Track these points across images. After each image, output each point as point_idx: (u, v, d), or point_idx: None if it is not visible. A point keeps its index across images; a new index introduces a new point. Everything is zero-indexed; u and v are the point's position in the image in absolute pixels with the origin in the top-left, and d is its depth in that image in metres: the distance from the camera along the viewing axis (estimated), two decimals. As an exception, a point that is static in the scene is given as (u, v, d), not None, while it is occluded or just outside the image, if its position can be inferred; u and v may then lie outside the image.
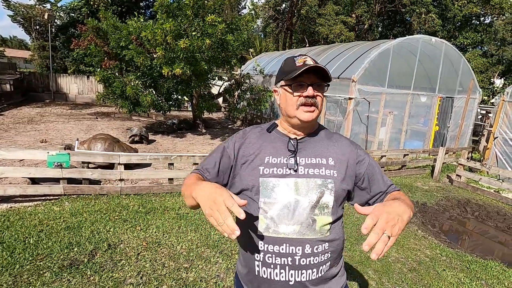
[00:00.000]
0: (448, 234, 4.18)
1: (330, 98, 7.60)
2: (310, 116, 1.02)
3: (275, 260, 0.97)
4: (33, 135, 7.33)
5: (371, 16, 21.31)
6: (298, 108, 1.02)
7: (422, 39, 7.60)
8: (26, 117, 9.71)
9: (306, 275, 0.98)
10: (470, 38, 21.06)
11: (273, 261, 0.98)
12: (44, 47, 17.91)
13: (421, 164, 7.08)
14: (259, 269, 1.00)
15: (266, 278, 1.00)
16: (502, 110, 6.89)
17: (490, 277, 2.99)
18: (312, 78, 1.01)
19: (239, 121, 11.74)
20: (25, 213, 3.31)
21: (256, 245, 1.00)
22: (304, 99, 1.00)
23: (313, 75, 1.00)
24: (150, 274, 2.51)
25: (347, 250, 3.23)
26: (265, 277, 1.00)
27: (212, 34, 7.00)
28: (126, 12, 18.02)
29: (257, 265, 1.00)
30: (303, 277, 0.98)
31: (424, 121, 8.41)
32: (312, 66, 0.98)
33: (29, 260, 2.50)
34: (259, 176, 1.01)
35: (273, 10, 22.81)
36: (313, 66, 0.98)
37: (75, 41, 8.66)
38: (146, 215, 3.55)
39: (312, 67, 0.98)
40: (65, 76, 15.04)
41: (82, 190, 3.96)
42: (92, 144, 5.38)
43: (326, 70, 0.99)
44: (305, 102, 1.00)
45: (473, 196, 5.69)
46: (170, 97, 8.90)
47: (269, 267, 0.98)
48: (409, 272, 2.96)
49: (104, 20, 8.11)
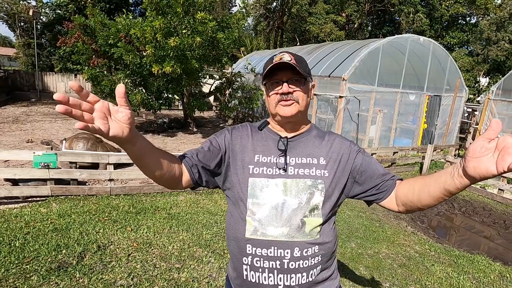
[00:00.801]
0: (437, 230, 4.27)
1: (321, 96, 7.65)
2: (289, 111, 0.98)
3: (263, 264, 0.95)
4: (18, 135, 7.13)
5: (361, 15, 21.54)
6: (277, 105, 0.99)
7: (410, 38, 7.72)
8: (11, 117, 9.43)
9: (295, 279, 0.95)
10: (456, 37, 21.56)
11: (261, 264, 0.95)
12: (30, 44, 17.42)
13: (410, 162, 7.21)
14: (247, 273, 0.97)
15: (254, 282, 0.97)
16: (488, 108, 7.08)
17: (476, 271, 3.07)
18: (289, 74, 0.97)
19: (231, 120, 11.70)
20: (11, 215, 3.22)
21: (244, 248, 0.97)
22: (280, 96, 0.98)
23: (290, 71, 0.97)
24: (141, 275, 2.47)
25: (339, 247, 3.27)
26: (254, 281, 0.97)
27: (203, 32, 6.93)
28: (115, 9, 17.68)
29: (245, 269, 0.98)
30: (292, 281, 0.95)
31: (413, 119, 8.57)
32: (279, 62, 0.94)
33: (15, 263, 2.43)
34: (249, 176, 0.99)
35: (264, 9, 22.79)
36: (281, 63, 0.94)
37: (62, 39, 8.46)
38: (136, 216, 3.50)
39: (280, 64, 0.94)
40: (52, 74, 14.69)
41: (70, 191, 3.87)
42: (74, 143, 5.16)
43: (296, 66, 0.94)
44: (281, 98, 0.98)
45: (460, 192, 5.82)
46: (161, 96, 8.79)
47: (257, 271, 0.96)
48: (399, 268, 3.01)
49: (92, 17, 7.93)
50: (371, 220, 4.11)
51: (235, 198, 1.02)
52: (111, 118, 0.75)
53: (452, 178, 0.79)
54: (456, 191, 0.80)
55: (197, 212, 3.79)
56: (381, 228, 3.89)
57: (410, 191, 0.95)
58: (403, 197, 0.97)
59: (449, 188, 0.81)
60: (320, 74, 7.69)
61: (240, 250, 0.98)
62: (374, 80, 7.32)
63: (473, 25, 22.42)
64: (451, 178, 0.79)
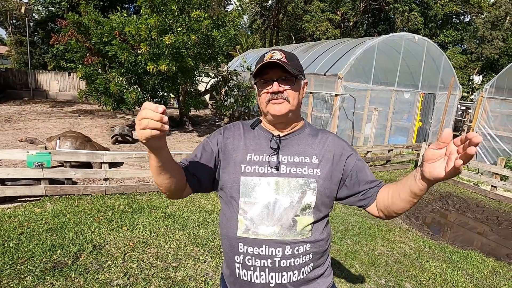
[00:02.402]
0: (431, 226, 4.32)
1: (317, 95, 7.66)
2: (280, 110, 0.97)
3: (255, 262, 0.95)
4: (11, 134, 7.03)
5: (356, 14, 21.61)
6: (268, 104, 0.99)
7: (405, 37, 7.76)
8: (3, 116, 9.30)
9: (287, 277, 0.95)
10: (450, 36, 21.75)
11: (253, 263, 0.95)
12: (22, 42, 17.15)
13: (405, 159, 7.27)
14: (240, 271, 0.98)
15: (246, 281, 0.97)
16: (481, 106, 7.16)
17: (470, 267, 3.11)
18: (278, 73, 0.97)
19: (227, 118, 11.67)
20: (4, 215, 3.18)
21: (236, 247, 0.98)
22: (271, 95, 0.98)
23: (279, 69, 0.96)
24: (137, 275, 2.46)
25: (334, 244, 3.29)
26: (246, 280, 0.97)
27: (198, 30, 6.89)
28: (109, 7, 17.47)
29: (237, 267, 0.98)
30: (284, 279, 0.95)
31: (408, 117, 8.64)
32: (268, 61, 0.94)
33: (9, 264, 2.40)
34: (241, 175, 0.99)
35: (259, 7, 22.73)
36: (270, 61, 0.94)
37: (55, 37, 8.35)
38: (132, 215, 3.48)
39: (269, 62, 0.94)
40: (45, 72, 14.49)
41: (64, 191, 3.84)
42: (62, 142, 5.12)
43: (284, 64, 0.93)
44: (271, 98, 0.98)
45: (454, 189, 5.90)
46: (156, 94, 8.73)
47: (249, 269, 0.96)
48: (395, 264, 3.04)
49: (86, 15, 7.84)
50: (367, 217, 4.14)
51: (227, 197, 1.02)
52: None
53: (415, 181, 0.86)
54: (420, 192, 0.87)
55: (194, 210, 3.78)
56: (377, 225, 3.92)
57: (386, 196, 0.99)
58: (381, 202, 1.01)
59: (414, 190, 0.87)
60: (316, 72, 7.71)
61: (232, 249, 0.99)
62: (369, 79, 7.36)
63: (467, 24, 22.62)
64: (414, 181, 0.86)
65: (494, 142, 6.96)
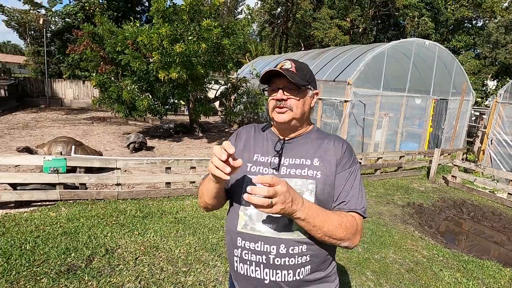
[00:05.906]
0: (445, 235, 4.21)
1: (326, 101, 7.65)
2: (283, 118, 1.05)
3: (251, 257, 0.99)
4: (28, 141, 7.27)
5: (365, 20, 21.57)
6: (273, 111, 1.07)
7: (416, 42, 7.70)
8: (21, 123, 9.63)
9: (281, 275, 0.97)
10: (463, 41, 21.41)
11: (249, 257, 1.00)
12: (39, 52, 17.82)
13: (417, 166, 7.13)
14: (237, 265, 1.03)
15: (243, 274, 1.02)
16: (496, 112, 6.99)
17: (486, 276, 3.02)
18: (284, 82, 1.04)
19: (236, 125, 11.75)
20: (21, 219, 3.28)
21: (236, 240, 1.03)
22: (275, 102, 1.05)
23: (286, 78, 1.02)
24: (148, 279, 2.49)
25: (344, 251, 3.25)
26: (242, 273, 1.02)
27: (208, 39, 7.03)
28: (122, 17, 18.04)
29: (235, 260, 1.03)
30: (278, 277, 0.97)
31: (419, 123, 8.50)
32: (273, 70, 1.03)
33: (25, 266, 2.47)
34: (246, 173, 1.05)
35: (268, 15, 22.99)
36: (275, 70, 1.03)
37: (71, 46, 8.65)
38: (143, 220, 3.54)
39: (275, 71, 1.03)
40: (61, 81, 14.98)
41: (78, 195, 3.93)
42: (53, 148, 5.13)
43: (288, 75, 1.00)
44: (276, 105, 1.05)
45: (469, 196, 5.74)
46: (167, 101, 8.90)
47: (245, 263, 1.01)
48: (407, 273, 2.98)
49: (100, 25, 8.11)
50: (378, 224, 4.08)
51: (233, 193, 1.09)
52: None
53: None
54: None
55: (203, 216, 3.81)
56: (388, 233, 3.86)
57: None
58: None
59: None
60: (325, 78, 7.71)
61: (232, 242, 1.04)
62: (379, 84, 7.31)
63: (480, 28, 22.25)
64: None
65: (509, 148, 6.77)
